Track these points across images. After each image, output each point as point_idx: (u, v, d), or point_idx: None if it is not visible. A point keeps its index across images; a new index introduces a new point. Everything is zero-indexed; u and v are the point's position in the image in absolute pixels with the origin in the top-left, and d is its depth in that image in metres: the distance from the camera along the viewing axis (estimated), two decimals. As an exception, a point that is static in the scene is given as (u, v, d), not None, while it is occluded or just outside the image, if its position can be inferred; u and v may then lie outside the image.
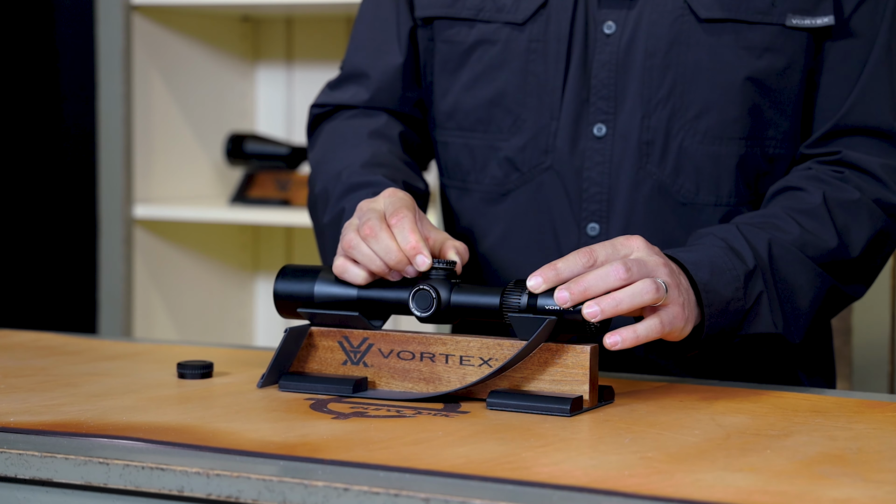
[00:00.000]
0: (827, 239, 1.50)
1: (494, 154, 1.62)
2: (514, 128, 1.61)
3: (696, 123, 1.56)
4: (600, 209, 1.58)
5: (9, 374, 1.51)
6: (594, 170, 1.58)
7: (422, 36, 1.68)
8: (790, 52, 1.55)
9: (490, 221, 1.65)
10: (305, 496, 1.06)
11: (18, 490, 1.18)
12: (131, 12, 3.02)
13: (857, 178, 1.54)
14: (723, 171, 1.57)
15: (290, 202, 3.08)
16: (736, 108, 1.56)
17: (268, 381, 1.42)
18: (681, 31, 1.55)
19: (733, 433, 1.23)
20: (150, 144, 3.08)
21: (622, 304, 1.29)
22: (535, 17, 1.59)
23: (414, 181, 1.63)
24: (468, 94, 1.64)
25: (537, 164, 1.60)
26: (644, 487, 1.05)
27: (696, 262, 1.41)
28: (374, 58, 1.71)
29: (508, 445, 1.17)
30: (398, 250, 1.36)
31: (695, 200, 1.57)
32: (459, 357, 1.36)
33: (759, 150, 1.57)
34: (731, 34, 1.54)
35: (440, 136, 1.68)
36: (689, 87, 1.55)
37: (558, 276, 1.31)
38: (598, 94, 1.57)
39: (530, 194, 1.61)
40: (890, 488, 1.05)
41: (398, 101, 1.70)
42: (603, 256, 1.32)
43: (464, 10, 1.63)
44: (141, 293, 3.07)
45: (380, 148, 1.65)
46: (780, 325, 1.46)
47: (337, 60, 3.23)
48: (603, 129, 1.57)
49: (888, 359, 2.64)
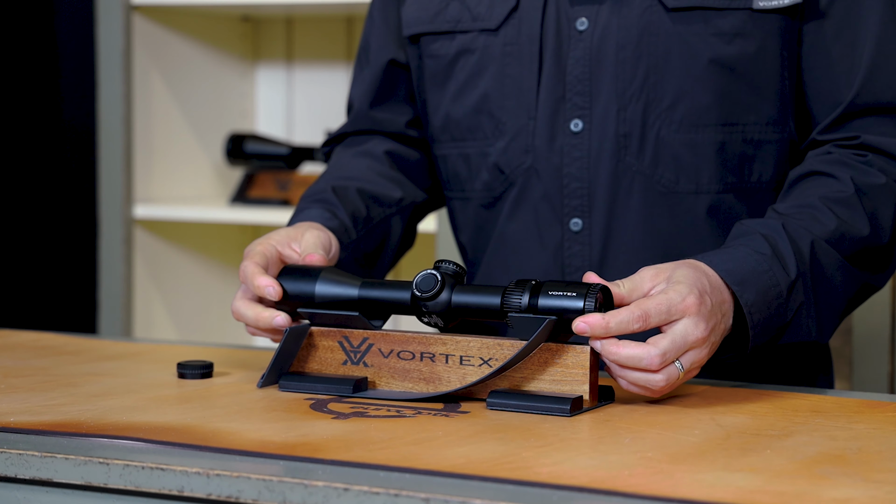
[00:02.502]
0: (861, 227, 1.50)
1: (484, 161, 1.65)
2: (497, 132, 1.63)
3: (671, 113, 1.57)
4: (582, 204, 1.59)
5: (9, 374, 1.51)
6: (573, 165, 1.59)
7: (412, 55, 1.72)
8: (761, 35, 1.56)
9: (487, 227, 1.67)
10: (305, 496, 1.06)
11: (18, 490, 1.18)
12: (131, 12, 3.02)
13: (880, 161, 1.55)
14: (702, 159, 1.57)
15: (290, 202, 3.08)
16: (709, 95, 1.56)
17: (268, 381, 1.42)
18: (650, 21, 1.56)
19: (733, 433, 1.23)
20: (150, 144, 3.08)
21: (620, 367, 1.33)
22: (508, 21, 1.62)
23: (382, 191, 1.69)
24: (456, 105, 1.66)
25: (519, 165, 1.62)
26: (644, 487, 1.05)
27: (743, 281, 1.40)
28: (356, 87, 1.79)
29: (508, 445, 1.17)
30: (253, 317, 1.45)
31: (675, 189, 1.58)
32: (459, 357, 1.36)
33: (739, 136, 1.58)
34: (700, 22, 1.55)
35: (438, 150, 1.71)
36: (662, 77, 1.56)
37: (606, 331, 1.31)
38: (574, 90, 1.59)
39: (516, 195, 1.63)
40: (890, 488, 1.05)
41: (371, 123, 1.77)
42: (655, 320, 1.32)
43: (444, 23, 1.66)
44: (141, 293, 3.07)
45: (348, 172, 1.71)
46: (814, 332, 1.47)
47: (337, 60, 3.23)
48: (580, 124, 1.58)
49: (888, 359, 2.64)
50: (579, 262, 1.59)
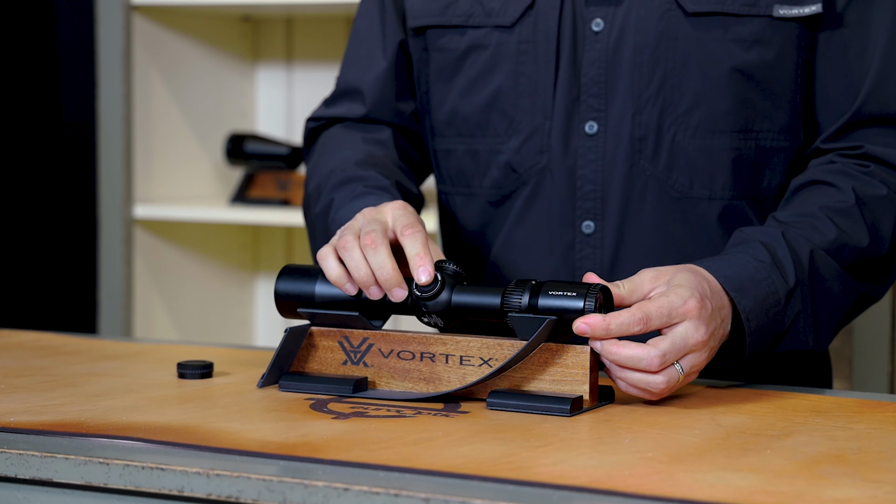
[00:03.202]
0: (860, 238, 1.50)
1: (495, 158, 1.63)
2: (510, 130, 1.62)
3: (687, 118, 1.56)
4: (595, 207, 1.58)
5: (9, 374, 1.51)
6: (587, 168, 1.58)
7: (415, 46, 1.70)
8: (779, 43, 1.56)
9: (494, 225, 1.65)
10: (305, 496, 1.06)
11: (18, 490, 1.18)
12: (131, 12, 3.02)
13: (882, 172, 1.55)
14: (716, 165, 1.57)
15: (290, 202, 3.08)
16: (727, 101, 1.56)
17: (268, 381, 1.42)
18: (669, 25, 1.56)
19: (733, 433, 1.23)
20: (150, 144, 3.08)
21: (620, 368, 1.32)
22: (523, 19, 1.61)
23: (407, 184, 1.64)
24: (465, 101, 1.65)
25: (533, 165, 1.61)
26: (644, 487, 1.05)
27: (741, 287, 1.40)
28: (364, 73, 1.73)
29: (508, 445, 1.17)
30: (392, 269, 1.36)
31: (689, 195, 1.58)
32: (459, 357, 1.36)
33: (753, 143, 1.58)
34: (720, 27, 1.55)
35: (440, 145, 1.69)
36: (679, 81, 1.56)
37: (607, 332, 1.31)
38: (589, 92, 1.58)
39: (528, 195, 1.61)
40: (890, 488, 1.05)
41: (393, 113, 1.73)
42: (656, 322, 1.32)
43: (454, 17, 1.64)
44: (141, 293, 3.07)
45: (374, 150, 1.66)
46: (811, 341, 1.47)
47: (337, 60, 3.23)
48: (595, 126, 1.58)
49: (888, 359, 2.64)
50: (590, 265, 1.59)
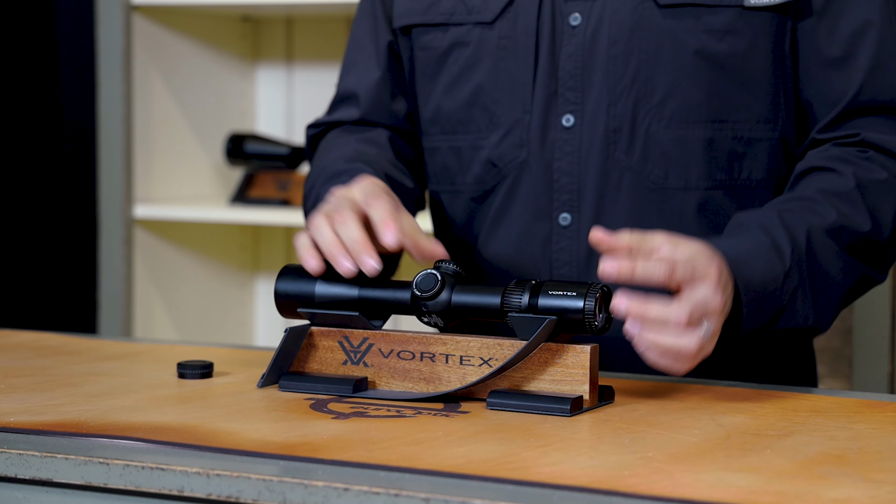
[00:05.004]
0: (861, 222, 1.51)
1: (476, 154, 1.65)
2: (491, 125, 1.63)
3: (661, 109, 1.57)
4: (571, 199, 1.59)
5: (9, 374, 1.51)
6: (563, 160, 1.59)
7: (403, 46, 1.72)
8: (752, 33, 1.56)
9: (478, 220, 1.67)
10: (305, 496, 1.06)
11: (18, 490, 1.18)
12: (131, 12, 3.02)
13: (881, 158, 1.55)
14: (691, 155, 1.58)
15: (290, 202, 3.08)
16: (700, 91, 1.57)
17: (268, 381, 1.42)
18: (641, 17, 1.57)
19: (733, 433, 1.23)
20: (150, 144, 3.08)
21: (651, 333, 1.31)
22: (504, 15, 1.62)
23: (400, 178, 1.65)
24: (447, 98, 1.66)
25: (513, 159, 1.62)
26: (644, 487, 1.05)
27: (738, 261, 1.40)
28: (359, 77, 1.75)
29: (508, 445, 1.17)
30: (361, 238, 1.36)
31: (664, 185, 1.58)
32: (459, 357, 1.36)
33: (729, 133, 1.58)
34: (691, 18, 1.56)
35: (427, 143, 1.71)
36: (652, 72, 1.57)
37: (632, 277, 1.31)
38: (566, 86, 1.59)
39: (508, 189, 1.63)
40: (890, 488, 1.05)
41: (388, 115, 1.74)
42: (681, 274, 1.32)
43: (437, 15, 1.66)
44: (141, 293, 3.07)
45: (366, 149, 1.68)
46: (811, 319, 1.47)
47: (337, 60, 3.23)
48: (571, 119, 1.59)
49: (888, 359, 2.64)
50: (567, 257, 1.59)
